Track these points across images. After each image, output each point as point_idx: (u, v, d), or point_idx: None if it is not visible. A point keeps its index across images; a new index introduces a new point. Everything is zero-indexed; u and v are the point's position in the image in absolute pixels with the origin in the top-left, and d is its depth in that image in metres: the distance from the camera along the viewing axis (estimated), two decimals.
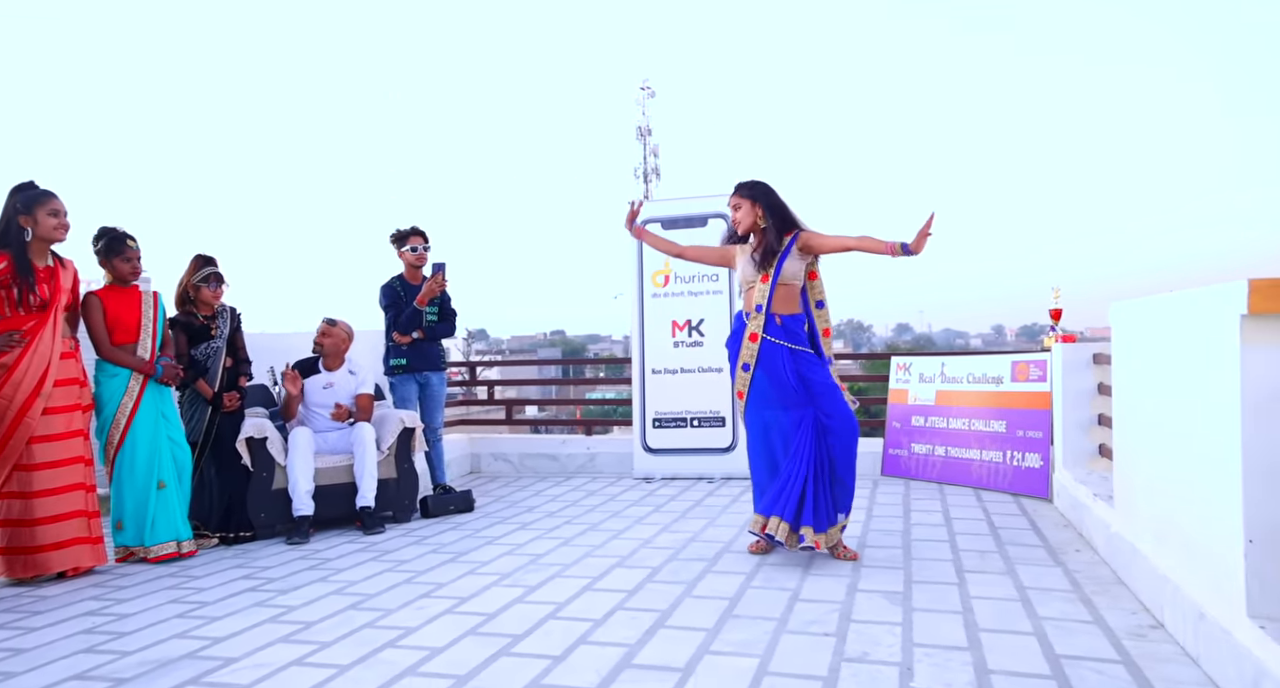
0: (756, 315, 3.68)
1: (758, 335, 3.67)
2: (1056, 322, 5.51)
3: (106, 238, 4.07)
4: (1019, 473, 4.88)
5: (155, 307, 4.16)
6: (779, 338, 3.64)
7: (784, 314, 3.67)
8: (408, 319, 5.03)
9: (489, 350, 55.69)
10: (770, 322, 3.67)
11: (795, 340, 3.65)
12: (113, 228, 4.12)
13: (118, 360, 3.99)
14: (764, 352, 3.67)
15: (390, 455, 4.81)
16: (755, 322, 3.68)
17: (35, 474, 3.61)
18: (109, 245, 4.06)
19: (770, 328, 3.66)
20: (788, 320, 3.66)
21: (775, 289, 3.65)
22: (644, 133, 35.41)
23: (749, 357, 3.71)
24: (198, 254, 4.58)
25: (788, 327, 3.65)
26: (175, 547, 4.01)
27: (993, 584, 3.17)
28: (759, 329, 3.67)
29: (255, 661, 2.60)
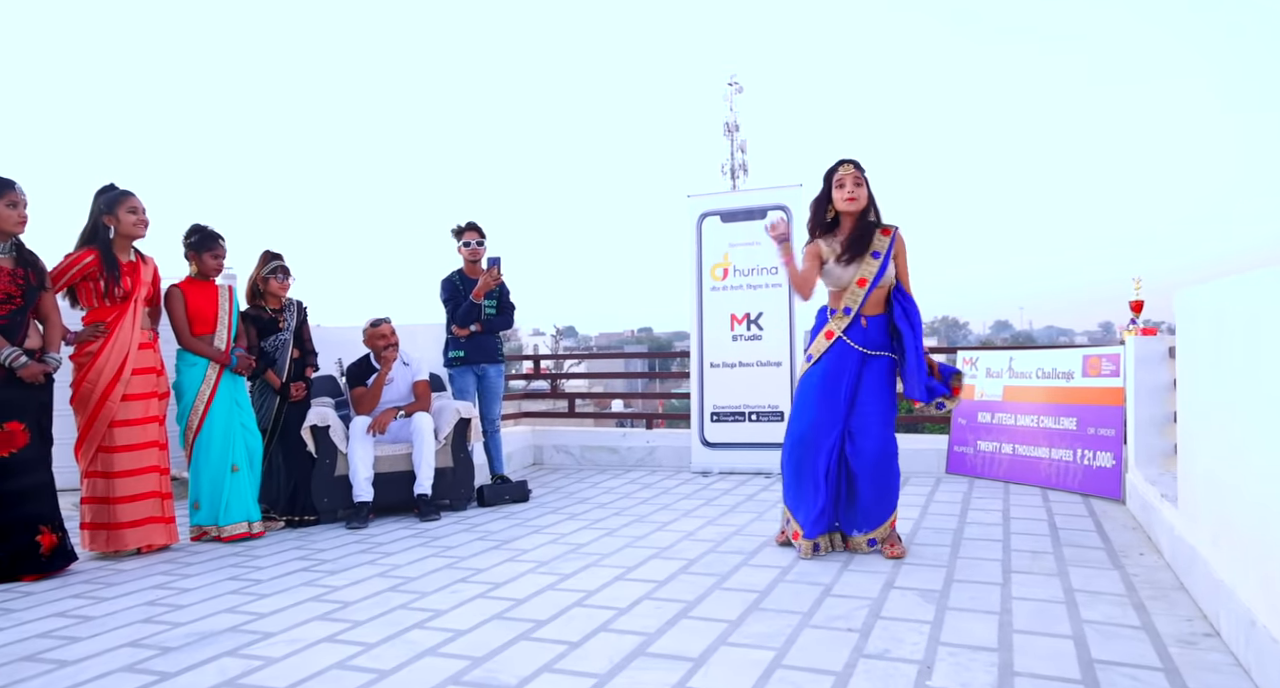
0: (843, 317, 3.51)
1: (834, 334, 3.53)
2: (1137, 315, 5.20)
3: (200, 234, 4.34)
4: (1089, 472, 4.64)
5: (230, 300, 4.40)
6: (857, 342, 3.48)
7: (871, 315, 3.52)
8: (465, 313, 5.15)
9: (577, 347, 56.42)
10: (855, 324, 3.51)
11: (876, 345, 3.49)
12: (204, 225, 4.38)
13: (197, 350, 4.23)
14: (834, 350, 3.51)
15: (447, 445, 4.93)
16: (838, 321, 3.52)
17: (116, 456, 3.86)
18: (201, 241, 4.33)
19: (853, 330, 3.50)
20: (873, 323, 3.51)
21: (872, 293, 3.48)
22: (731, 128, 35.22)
23: (816, 350, 3.58)
24: (266, 250, 4.82)
25: (871, 330, 3.50)
26: (246, 527, 4.23)
27: (1038, 586, 3.02)
28: (839, 329, 3.51)
29: (290, 636, 2.71)
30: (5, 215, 3.51)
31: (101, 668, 2.46)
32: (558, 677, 2.31)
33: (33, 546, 3.50)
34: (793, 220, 5.96)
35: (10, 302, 3.52)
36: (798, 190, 6.02)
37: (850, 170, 3.51)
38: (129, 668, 2.46)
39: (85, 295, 3.90)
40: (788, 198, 5.99)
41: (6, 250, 3.56)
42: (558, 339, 49.98)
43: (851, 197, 3.48)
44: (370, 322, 4.97)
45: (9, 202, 3.52)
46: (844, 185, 3.49)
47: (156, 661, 2.51)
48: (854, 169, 3.51)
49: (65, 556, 3.62)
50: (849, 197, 3.47)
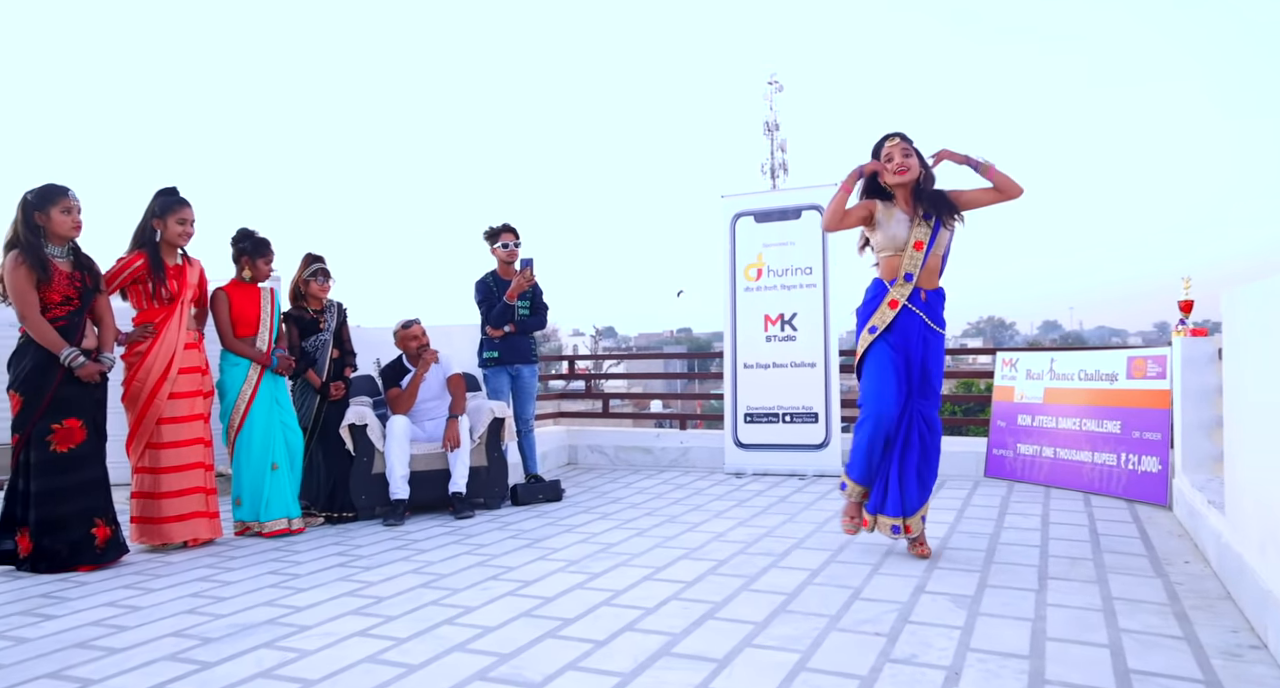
0: (904, 283, 3.40)
1: (898, 303, 3.40)
2: (1187, 315, 5.06)
3: (252, 239, 4.48)
4: (1134, 477, 4.53)
5: (272, 303, 4.51)
6: (921, 310, 3.41)
7: (929, 289, 3.44)
8: (499, 314, 5.21)
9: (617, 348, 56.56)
10: (915, 294, 3.41)
11: (935, 320, 3.44)
12: (253, 231, 4.52)
13: (239, 351, 4.35)
14: (901, 320, 3.41)
15: (482, 445, 5.00)
16: (900, 289, 3.41)
17: (163, 452, 3.99)
18: (255, 247, 4.47)
19: (915, 299, 3.41)
20: (932, 297, 3.44)
21: (928, 258, 3.39)
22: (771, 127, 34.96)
23: (880, 321, 3.43)
24: (308, 253, 4.93)
25: (931, 303, 3.44)
26: (286, 524, 4.34)
27: (1075, 593, 2.96)
28: (903, 297, 3.40)
29: (325, 630, 2.78)
30: (60, 221, 3.64)
31: (146, 656, 2.55)
32: (582, 675, 2.33)
33: (89, 538, 3.63)
34: None
35: (69, 303, 3.66)
36: (832, 190, 5.95)
37: (897, 142, 3.42)
38: (172, 657, 2.54)
39: (135, 297, 4.03)
40: (822, 197, 5.94)
41: (64, 254, 3.70)
42: (597, 339, 50.13)
43: (901, 168, 3.38)
44: (401, 323, 5.05)
45: (63, 208, 3.65)
46: (892, 158, 3.41)
47: (198, 650, 2.59)
48: (900, 141, 3.42)
49: (118, 548, 3.75)
50: (898, 169, 3.39)
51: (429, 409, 5.01)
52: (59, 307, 3.64)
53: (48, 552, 3.57)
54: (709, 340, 73.81)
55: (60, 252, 3.69)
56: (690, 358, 25.97)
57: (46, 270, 3.58)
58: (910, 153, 3.41)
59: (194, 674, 2.40)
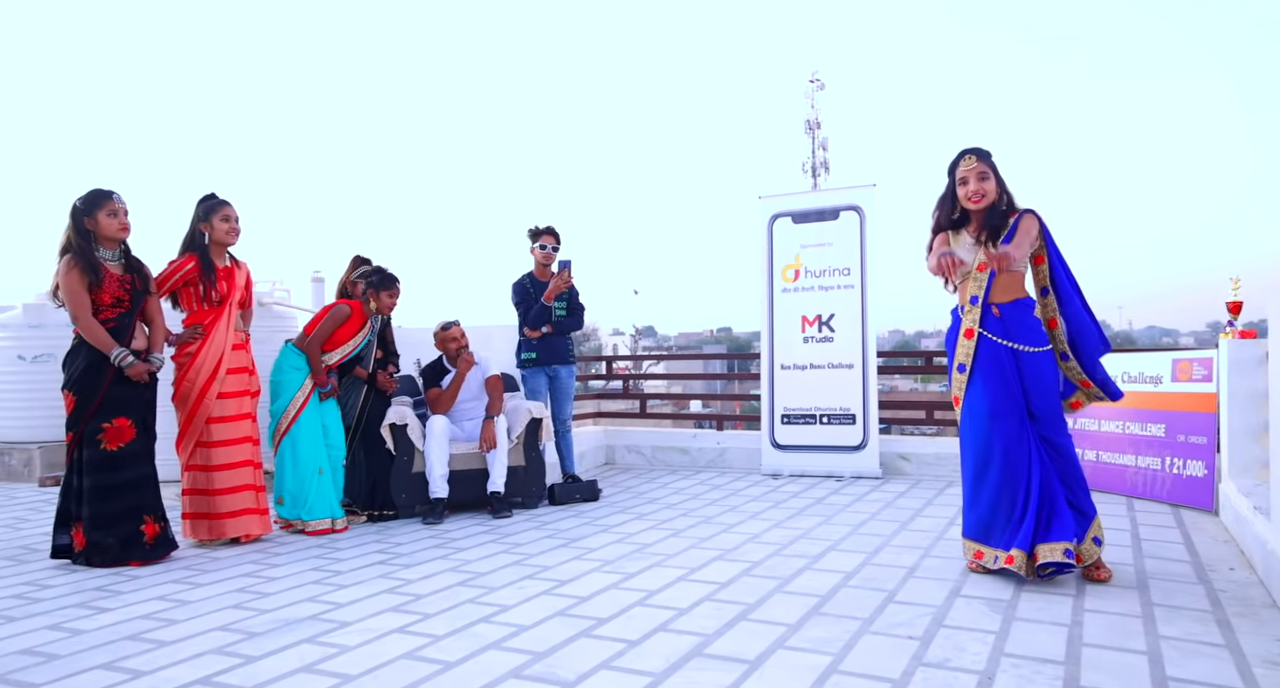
0: (972, 308, 3.22)
1: (974, 332, 3.21)
2: (1235, 316, 4.95)
3: (380, 275, 4.80)
4: (1179, 482, 4.43)
5: (367, 332, 4.72)
6: (998, 334, 3.19)
7: (1003, 301, 3.20)
8: (536, 315, 5.27)
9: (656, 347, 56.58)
10: (987, 314, 3.20)
11: (1017, 336, 3.17)
12: (383, 267, 4.84)
13: (311, 358, 4.52)
14: (982, 351, 3.20)
15: (519, 444, 5.06)
16: (970, 315, 3.22)
17: (214, 450, 4.11)
18: (382, 281, 4.77)
19: (988, 322, 3.20)
20: (1008, 310, 3.19)
21: (995, 278, 3.17)
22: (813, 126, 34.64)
23: (964, 356, 3.25)
24: (356, 255, 5.04)
25: (1008, 317, 3.18)
26: (330, 524, 4.45)
27: (1114, 598, 2.92)
28: (974, 324, 3.21)
29: (365, 626, 2.85)
30: (107, 224, 3.77)
31: (194, 650, 2.64)
32: (615, 674, 2.36)
33: (138, 534, 3.76)
34: (865, 220, 5.89)
35: (119, 305, 3.79)
36: (870, 191, 5.94)
37: (974, 164, 3.19)
38: (218, 650, 2.63)
39: (186, 299, 4.16)
40: (860, 199, 5.91)
41: (115, 257, 3.84)
42: (637, 339, 50.19)
43: (978, 194, 3.17)
44: (440, 325, 5.13)
45: (109, 211, 3.78)
46: (967, 182, 3.20)
47: (243, 645, 2.68)
48: (977, 162, 3.19)
49: (167, 543, 3.87)
50: (973, 195, 3.17)
51: (468, 409, 5.09)
52: (110, 309, 3.77)
53: (99, 546, 3.70)
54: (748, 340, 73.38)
55: (111, 255, 3.83)
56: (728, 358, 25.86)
57: (98, 273, 3.71)
58: (988, 176, 3.18)
59: (239, 668, 2.48)
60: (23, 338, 6.51)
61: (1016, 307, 3.19)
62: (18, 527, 4.71)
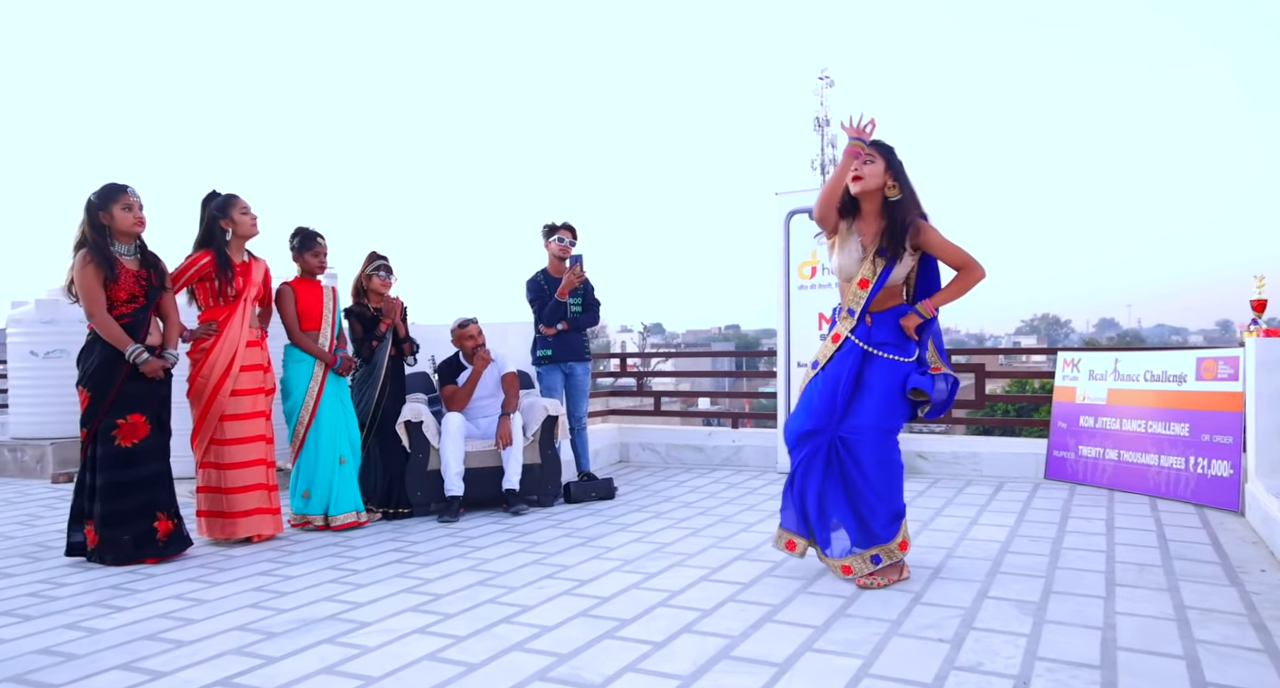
0: (847, 319, 3.21)
1: (840, 337, 3.22)
2: (1260, 314, 4.88)
3: (300, 235, 4.57)
4: (1204, 482, 4.37)
5: (334, 301, 4.60)
6: (861, 338, 3.18)
7: (877, 311, 3.18)
8: (550, 311, 5.23)
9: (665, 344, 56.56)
10: (860, 325, 3.19)
11: (881, 342, 3.15)
12: (306, 227, 4.60)
13: (306, 347, 4.44)
14: (839, 353, 3.21)
15: (535, 442, 5.02)
16: (844, 324, 3.23)
17: (227, 449, 4.08)
18: (302, 242, 4.55)
19: (859, 329, 3.19)
20: (878, 318, 3.17)
21: (876, 295, 3.16)
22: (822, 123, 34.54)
23: (822, 355, 3.27)
24: (372, 251, 5.01)
25: (877, 323, 3.17)
26: (355, 516, 4.42)
27: (1146, 601, 2.87)
28: (845, 330, 3.21)
29: (385, 626, 2.81)
30: (121, 218, 3.74)
31: (213, 650, 2.61)
32: (641, 677, 2.32)
33: (151, 531, 3.73)
34: None
35: (134, 301, 3.76)
36: None
37: (865, 148, 3.12)
38: (237, 651, 2.60)
39: (202, 295, 4.14)
40: None
41: (131, 252, 3.81)
42: (645, 336, 50.12)
43: (856, 175, 3.10)
44: (458, 322, 5.09)
45: (123, 205, 3.74)
46: (866, 163, 3.13)
47: (262, 645, 2.65)
48: (871, 146, 3.13)
49: (181, 541, 3.84)
50: (853, 175, 3.11)
51: (483, 407, 5.05)
52: (125, 304, 3.74)
53: (112, 544, 3.68)
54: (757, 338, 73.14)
55: (127, 250, 3.79)
56: (740, 356, 25.75)
57: (113, 269, 3.68)
58: (874, 159, 3.10)
59: (259, 669, 2.45)
60: (36, 334, 6.50)
61: (890, 314, 3.18)
62: (31, 524, 4.70)
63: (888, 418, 3.15)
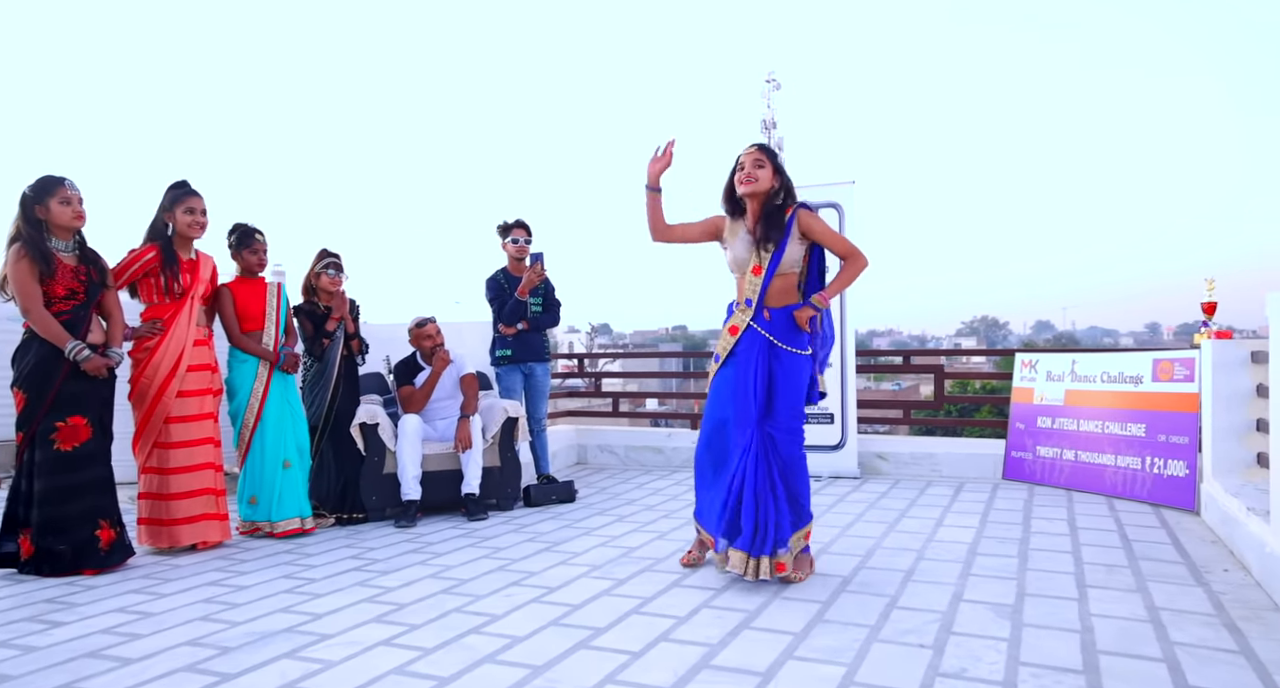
0: (745, 309, 3.27)
1: (738, 329, 3.28)
2: (1210, 316, 5.02)
3: (238, 232, 4.36)
4: (1160, 481, 4.46)
5: (279, 297, 4.40)
6: (765, 329, 3.24)
7: (776, 307, 3.26)
8: (511, 310, 5.10)
9: (611, 345, 56.46)
10: (759, 317, 3.26)
11: (781, 335, 3.23)
12: (244, 223, 4.40)
13: (246, 348, 4.24)
14: (741, 343, 3.27)
15: (494, 445, 4.90)
16: (741, 315, 3.28)
17: (172, 452, 3.87)
18: (239, 239, 4.34)
19: (758, 319, 3.26)
20: (777, 314, 3.25)
21: (771, 282, 3.24)
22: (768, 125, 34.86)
23: (723, 348, 3.33)
24: (322, 248, 4.82)
25: (776, 319, 3.25)
26: (299, 522, 4.24)
27: (1119, 602, 2.88)
28: (742, 323, 3.27)
29: (348, 639, 2.68)
30: (59, 212, 3.52)
31: (163, 667, 2.44)
32: None
33: (93, 540, 3.52)
34: (845, 218, 5.84)
35: (74, 297, 3.54)
36: (850, 188, 5.89)
37: (752, 152, 3.26)
38: (190, 668, 2.44)
39: (146, 291, 3.93)
40: (840, 195, 5.86)
41: (69, 248, 3.59)
42: (593, 336, 49.97)
43: (749, 178, 3.22)
44: (415, 321, 4.94)
45: (61, 199, 3.52)
46: (744, 167, 3.26)
47: (217, 661, 2.49)
48: (756, 151, 3.26)
49: (123, 550, 3.63)
50: (744, 179, 3.24)
51: (441, 408, 4.91)
52: (63, 301, 3.52)
53: (50, 554, 3.45)
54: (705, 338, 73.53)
55: (65, 245, 3.57)
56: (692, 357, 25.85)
57: (49, 263, 3.46)
58: (764, 164, 3.23)
59: (216, 687, 2.30)
60: None
61: (789, 310, 3.26)
62: None
63: (800, 414, 3.28)
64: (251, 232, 4.37)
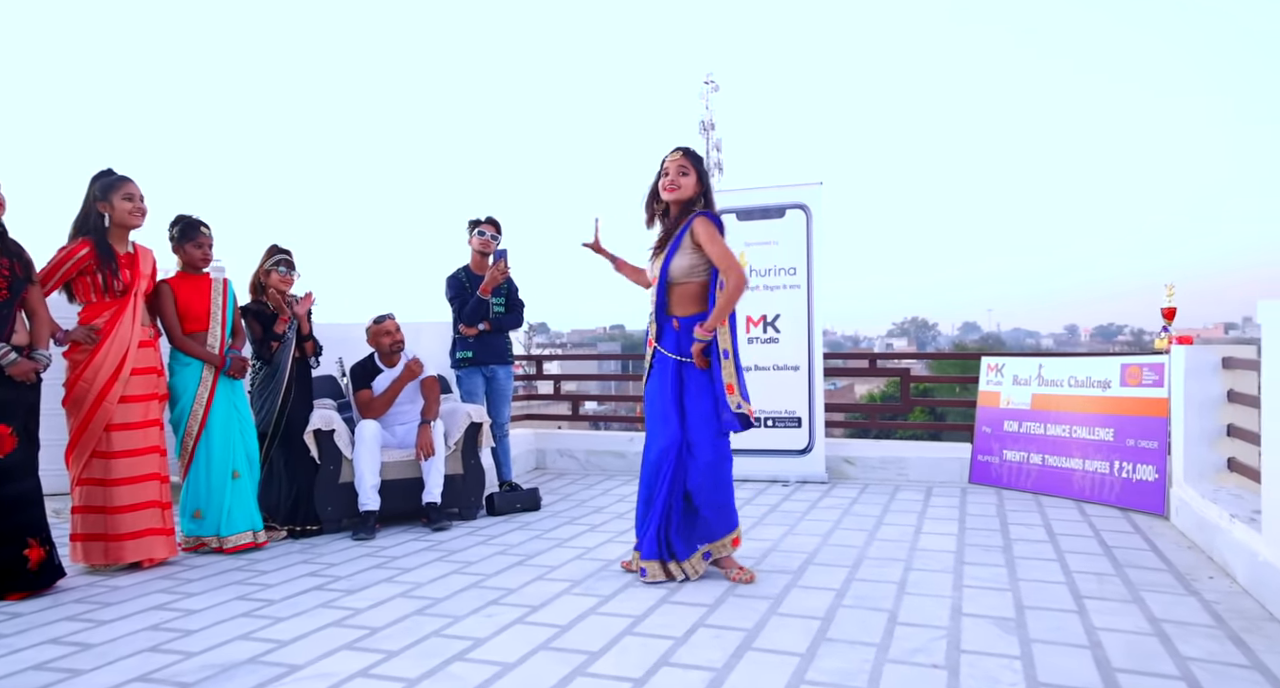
0: (652, 322, 3.32)
1: (652, 343, 3.33)
2: (1170, 321, 5.09)
3: (181, 224, 4.04)
4: (1129, 486, 4.49)
5: (225, 295, 4.09)
6: (670, 349, 3.26)
7: (684, 315, 3.25)
8: (472, 310, 4.87)
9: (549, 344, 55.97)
10: (666, 328, 3.27)
11: (688, 349, 3.22)
12: (188, 215, 4.07)
13: (188, 350, 3.93)
14: (655, 363, 3.31)
15: (457, 451, 4.67)
16: (652, 328, 3.32)
17: (114, 462, 3.55)
18: (183, 231, 4.02)
19: (664, 336, 3.28)
20: (686, 323, 3.24)
21: (667, 291, 3.24)
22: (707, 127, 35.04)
23: (645, 362, 3.39)
24: (272, 244, 4.52)
25: (684, 330, 3.24)
26: (251, 536, 3.95)
27: (1118, 614, 2.84)
28: (653, 336, 3.32)
29: (320, 669, 2.45)
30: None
31: None
32: None
33: (20, 560, 3.19)
34: (812, 219, 5.78)
35: None
36: (818, 189, 5.83)
37: (677, 157, 3.24)
38: None
39: (82, 290, 3.59)
40: (807, 196, 5.79)
41: None
42: (531, 336, 49.32)
43: (672, 185, 3.22)
44: (373, 319, 4.68)
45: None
46: (667, 173, 3.24)
47: None
48: (681, 156, 3.24)
49: (54, 571, 3.31)
50: (668, 185, 3.23)
51: (401, 413, 4.65)
52: None
53: None
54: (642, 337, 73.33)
55: None
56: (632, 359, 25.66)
57: None
58: (688, 171, 3.22)
59: None
60: None
61: (695, 320, 3.22)
62: None
63: (715, 424, 3.26)
64: (196, 224, 4.05)
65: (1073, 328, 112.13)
